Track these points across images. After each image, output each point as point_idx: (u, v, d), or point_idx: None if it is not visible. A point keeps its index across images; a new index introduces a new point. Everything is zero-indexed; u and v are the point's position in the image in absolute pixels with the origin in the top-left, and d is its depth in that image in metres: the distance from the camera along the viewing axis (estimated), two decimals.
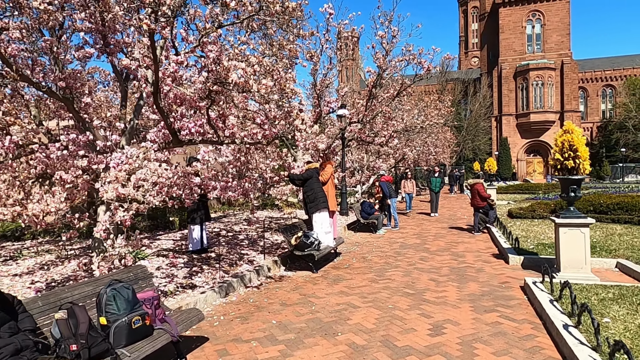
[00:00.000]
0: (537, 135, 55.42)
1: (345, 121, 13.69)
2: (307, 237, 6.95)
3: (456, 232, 11.34)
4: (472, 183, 11.09)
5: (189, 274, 6.01)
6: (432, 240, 10.01)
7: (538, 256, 7.18)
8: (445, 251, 8.63)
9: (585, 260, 5.96)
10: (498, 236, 9.37)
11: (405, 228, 12.36)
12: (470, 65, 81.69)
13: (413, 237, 10.67)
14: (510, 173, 50.74)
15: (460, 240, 9.92)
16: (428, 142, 26.35)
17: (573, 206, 6.15)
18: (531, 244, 8.23)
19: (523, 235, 9.29)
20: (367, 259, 8.03)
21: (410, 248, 9.09)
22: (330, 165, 8.18)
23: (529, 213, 12.09)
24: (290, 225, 7.57)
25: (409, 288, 5.85)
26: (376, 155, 26.14)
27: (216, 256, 7.11)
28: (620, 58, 64.63)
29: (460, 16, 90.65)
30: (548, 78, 54.21)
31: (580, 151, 5.95)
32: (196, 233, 7.04)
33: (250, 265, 6.81)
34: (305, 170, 7.66)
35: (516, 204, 16.97)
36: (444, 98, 26.08)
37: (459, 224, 12.98)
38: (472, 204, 11.06)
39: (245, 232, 9.88)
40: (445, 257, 7.98)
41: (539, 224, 10.89)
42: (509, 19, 57.62)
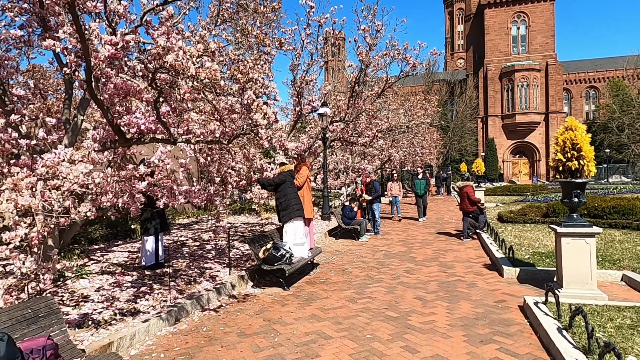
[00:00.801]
0: (523, 136, 55.50)
1: (327, 120, 12.88)
2: (277, 250, 6.10)
3: (444, 238, 10.61)
4: (461, 186, 10.38)
5: (134, 296, 5.11)
6: (419, 248, 9.25)
7: (535, 268, 6.45)
8: (433, 261, 7.87)
9: (590, 274, 5.23)
10: (489, 243, 8.66)
11: (390, 234, 11.59)
12: (456, 66, 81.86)
13: (398, 244, 9.90)
14: (496, 174, 50.65)
15: (449, 248, 9.18)
16: (414, 142, 25.74)
17: (576, 213, 5.43)
18: (526, 253, 7.52)
19: (516, 242, 8.59)
20: (346, 271, 7.22)
21: (394, 257, 8.31)
22: (305, 168, 7.35)
23: (520, 217, 11.43)
24: (260, 235, 6.71)
25: (392, 309, 5.04)
26: (361, 157, 25.45)
27: (173, 272, 6.21)
28: (603, 60, 65.35)
29: (446, 17, 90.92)
30: (533, 79, 54.33)
31: (584, 151, 5.24)
32: (150, 245, 6.13)
33: (212, 282, 5.94)
34: (277, 173, 6.81)
35: (505, 207, 16.38)
36: (430, 98, 25.51)
37: (447, 228, 12.27)
38: (461, 208, 10.35)
39: (214, 241, 8.99)
40: (433, 269, 7.21)
41: (532, 229, 10.22)
42: (495, 20, 57.66)
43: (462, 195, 10.23)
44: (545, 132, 54.61)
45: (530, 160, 56.49)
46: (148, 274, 5.92)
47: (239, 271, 6.53)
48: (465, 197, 10.08)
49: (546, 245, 8.08)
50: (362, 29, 12.20)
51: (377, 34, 12.95)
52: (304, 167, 7.34)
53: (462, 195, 10.24)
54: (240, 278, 6.27)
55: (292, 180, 6.83)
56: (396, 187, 14.83)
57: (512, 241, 8.72)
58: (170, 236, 9.48)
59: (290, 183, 6.73)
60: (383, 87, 13.38)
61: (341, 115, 12.46)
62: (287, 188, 6.65)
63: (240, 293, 5.92)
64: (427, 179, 14.84)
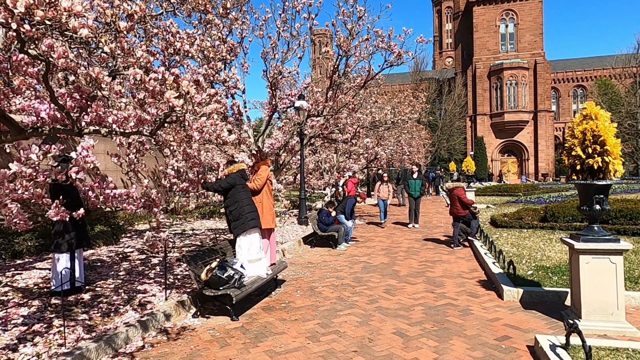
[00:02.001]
0: (512, 135, 54.99)
1: (304, 114, 11.66)
2: (224, 270, 4.85)
3: (432, 245, 9.47)
4: (451, 187, 9.24)
5: (18, 338, 3.82)
6: (403, 259, 8.08)
7: (542, 288, 5.31)
8: (419, 276, 6.70)
9: (617, 302, 4.10)
10: (483, 253, 7.53)
11: (372, 240, 10.41)
12: (445, 65, 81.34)
13: (380, 253, 8.72)
14: (486, 174, 49.97)
15: (438, 258, 8.03)
16: (402, 140, 24.68)
17: (598, 224, 4.29)
18: (527, 267, 6.39)
19: (515, 253, 7.47)
20: (315, 290, 6.00)
21: (374, 271, 7.12)
22: (265, 167, 6.10)
23: (515, 221, 10.35)
24: (207, 250, 5.45)
25: (364, 354, 3.84)
26: (347, 155, 24.28)
27: (91, 299, 4.92)
28: (591, 59, 65.25)
29: (434, 16, 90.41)
30: (522, 78, 53.84)
31: (609, 144, 4.10)
32: (62, 265, 4.83)
33: (141, 311, 4.68)
34: (225, 174, 5.57)
35: (497, 209, 15.34)
36: (418, 94, 24.46)
37: (436, 234, 11.14)
38: (451, 212, 9.21)
39: (169, 251, 7.71)
40: (418, 287, 6.03)
41: (530, 236, 9.13)
42: (483, 18, 57.05)
43: (452, 197, 9.10)
44: (533, 130, 54.17)
45: (519, 160, 56.04)
46: (54, 304, 4.62)
47: (181, 295, 5.27)
48: (456, 200, 8.94)
49: (550, 257, 6.96)
50: (342, 12, 11.00)
51: (359, 21, 11.78)
52: (264, 167, 6.10)
53: (452, 198, 9.10)
54: (180, 305, 5.02)
55: (245, 182, 5.60)
56: (385, 189, 13.10)
57: (509, 251, 7.60)
58: (116, 247, 8.16)
59: (242, 187, 5.49)
60: (366, 78, 12.21)
61: (319, 109, 11.25)
62: (239, 193, 5.41)
63: (175, 326, 4.66)
64: (422, 178, 12.99)
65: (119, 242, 8.62)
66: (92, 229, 8.43)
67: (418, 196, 12.49)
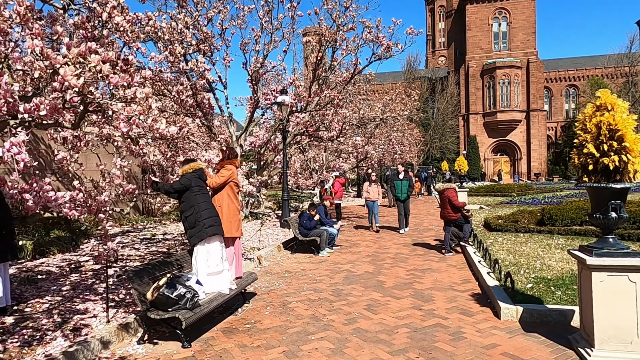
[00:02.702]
0: (504, 134, 54.69)
1: (286, 110, 10.92)
2: (173, 288, 4.11)
3: (422, 251, 8.79)
4: (442, 188, 8.55)
5: None
6: (390, 267, 7.39)
7: (544, 306, 4.63)
8: (406, 288, 6.01)
9: (638, 329, 3.43)
10: (477, 261, 6.86)
11: (358, 245, 9.71)
12: (438, 64, 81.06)
13: (366, 260, 8.02)
14: (479, 173, 49.56)
15: (427, 266, 7.35)
16: (393, 139, 24.03)
17: (613, 235, 3.62)
18: (526, 279, 5.72)
19: (511, 261, 6.80)
20: (288, 307, 5.28)
21: (357, 282, 6.42)
22: (231, 167, 5.35)
23: (511, 225, 9.70)
24: (159, 262, 4.69)
25: None
26: (336, 154, 23.59)
27: (15, 322, 4.15)
28: (583, 59, 65.22)
29: (427, 15, 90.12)
30: (514, 77, 53.53)
31: (628, 140, 3.42)
32: None
33: (74, 337, 3.92)
34: (180, 175, 4.82)
35: (491, 210, 14.73)
36: (410, 92, 23.80)
37: (426, 238, 10.47)
38: (442, 215, 8.53)
39: (131, 259, 6.94)
40: (404, 302, 5.34)
41: (527, 241, 8.48)
42: (476, 17, 56.66)
43: (442, 199, 8.42)
44: (526, 130, 53.90)
45: (512, 159, 55.77)
46: None
47: (128, 315, 4.52)
48: (447, 202, 8.27)
49: (551, 267, 6.30)
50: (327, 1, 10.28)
51: (346, 11, 11.07)
52: (229, 166, 5.35)
53: (442, 200, 8.42)
54: (124, 328, 4.26)
55: (203, 183, 4.86)
56: (374, 189, 11.85)
57: (505, 259, 6.94)
58: (73, 254, 7.37)
59: (199, 189, 4.74)
60: (352, 72, 11.50)
61: (302, 104, 10.52)
62: (195, 196, 4.66)
63: (112, 356, 3.91)
64: (409, 179, 11.56)
65: (78, 248, 7.82)
66: (47, 235, 7.64)
67: (405, 198, 11.26)
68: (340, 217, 13.19)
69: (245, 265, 7.31)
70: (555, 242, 8.14)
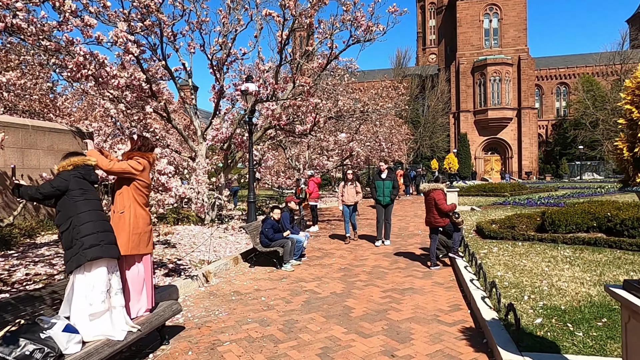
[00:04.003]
0: (495, 132, 53.79)
1: (251, 100, 9.53)
2: (14, 344, 2.71)
3: (404, 263, 7.46)
4: (427, 189, 7.21)
5: None
6: (363, 286, 6.05)
7: (563, 356, 3.31)
8: (379, 318, 4.67)
9: None
10: (469, 279, 5.56)
11: (331, 255, 8.36)
12: (428, 61, 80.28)
13: (336, 276, 6.67)
14: (470, 172, 48.55)
15: (409, 285, 6.02)
16: (380, 136, 22.74)
17: None
18: (531, 307, 4.41)
19: (511, 281, 5.49)
20: (216, 351, 3.91)
21: (319, 309, 5.07)
22: (143, 160, 3.94)
23: (507, 231, 8.42)
24: (25, 297, 3.28)
25: None
26: (319, 152, 22.26)
27: None
28: (574, 56, 64.76)
29: (417, 12, 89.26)
30: (505, 74, 52.64)
31: None
32: None
33: None
34: (56, 173, 3.42)
35: (483, 212, 13.48)
36: (398, 84, 22.53)
37: (410, 246, 9.15)
38: (427, 221, 7.20)
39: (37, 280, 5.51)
40: (373, 344, 3.99)
41: (527, 252, 7.19)
42: (467, 12, 55.65)
43: (428, 202, 7.09)
44: (517, 128, 53.05)
45: (502, 158, 54.91)
46: None
47: None
48: (433, 206, 6.95)
49: (562, 290, 4.99)
50: None
51: None
52: (141, 159, 3.94)
53: (428, 203, 7.10)
54: None
55: (90, 187, 3.46)
56: (351, 190, 9.65)
57: (503, 277, 5.63)
58: None
59: (80, 194, 3.33)
60: (328, 57, 10.15)
61: (268, 93, 9.12)
62: (75, 204, 3.26)
63: None
64: (394, 179, 9.17)
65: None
66: None
67: (388, 203, 9.06)
68: (317, 220, 11.83)
69: (186, 285, 5.93)
70: (560, 253, 6.86)
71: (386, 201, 9.05)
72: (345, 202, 9.65)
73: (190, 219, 11.08)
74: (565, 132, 52.73)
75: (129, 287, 3.85)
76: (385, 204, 9.08)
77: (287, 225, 7.80)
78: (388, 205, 9.10)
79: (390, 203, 9.09)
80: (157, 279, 5.96)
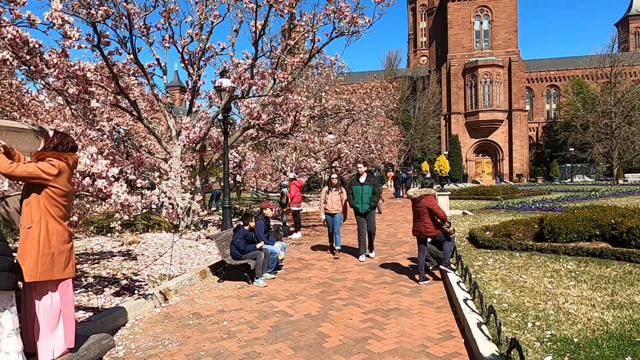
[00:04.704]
0: (486, 134, 53.55)
1: (226, 97, 8.76)
2: None
3: (391, 277, 6.73)
4: (417, 195, 6.43)
5: None
6: (343, 306, 5.30)
7: None
8: (356, 351, 3.92)
9: None
10: (462, 299, 4.84)
11: (311, 267, 7.60)
12: (419, 63, 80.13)
13: (313, 293, 5.91)
14: (461, 174, 48.11)
15: (394, 305, 5.28)
16: (369, 137, 22.05)
17: None
18: (537, 339, 3.70)
19: (511, 302, 4.77)
20: None
21: (287, 337, 4.30)
22: (58, 162, 3.15)
23: (503, 240, 7.72)
24: None
25: None
26: (306, 154, 21.52)
27: None
28: (564, 59, 64.92)
29: (408, 14, 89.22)
30: (496, 76, 52.45)
31: None
32: None
33: None
34: None
35: (475, 217, 12.82)
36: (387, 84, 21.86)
37: (398, 255, 8.42)
38: (416, 231, 6.45)
39: None
40: None
41: (526, 264, 6.49)
42: (458, 14, 55.42)
43: (417, 210, 6.35)
44: (508, 130, 52.85)
45: (493, 160, 54.66)
46: None
47: None
48: (424, 215, 6.22)
49: (570, 314, 4.27)
50: None
51: None
52: (55, 160, 3.15)
53: (417, 211, 6.36)
54: None
55: None
56: (335, 197, 8.24)
57: (502, 297, 4.92)
58: None
59: None
60: (310, 51, 9.42)
61: (244, 89, 8.33)
62: None
63: None
64: (374, 183, 7.90)
65: None
66: None
67: (367, 211, 7.80)
68: (300, 227, 11.06)
69: (137, 306, 5.13)
70: (563, 266, 6.17)
71: (365, 209, 7.82)
72: (329, 210, 8.30)
73: (162, 226, 10.25)
74: (556, 135, 52.63)
75: (39, 322, 3.05)
76: (363, 212, 7.85)
77: (261, 235, 7.02)
78: (367, 213, 7.87)
79: (369, 211, 7.86)
80: (104, 300, 5.15)
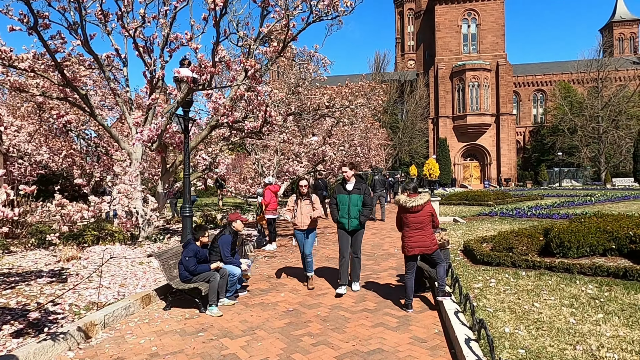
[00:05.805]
0: (474, 138, 53.07)
1: (184, 88, 7.56)
2: None
3: (373, 302, 5.58)
4: (419, 202, 5.17)
5: None
6: (311, 346, 4.14)
7: None
8: None
9: None
10: (463, 337, 3.76)
11: (282, 288, 6.43)
12: (407, 67, 79.68)
13: (277, 325, 4.74)
14: (449, 179, 47.41)
15: (377, 345, 4.14)
16: (354, 140, 21.00)
17: None
18: None
19: (525, 342, 3.68)
20: None
21: None
22: None
23: (504, 255, 6.65)
24: None
25: None
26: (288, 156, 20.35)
27: None
28: (550, 64, 65.11)
29: (396, 18, 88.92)
30: (484, 79, 52.08)
31: None
32: None
33: None
34: None
35: (468, 225, 11.79)
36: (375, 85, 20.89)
37: (384, 271, 7.30)
38: (416, 246, 5.10)
39: None
40: None
41: (536, 287, 5.41)
42: (445, 17, 55.03)
43: (420, 220, 5.10)
44: (496, 134, 52.45)
45: (481, 164, 54.19)
46: None
47: None
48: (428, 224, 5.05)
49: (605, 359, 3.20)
50: None
51: None
52: None
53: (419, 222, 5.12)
54: None
55: None
56: (305, 209, 6.23)
57: (514, 336, 3.82)
58: None
59: None
60: (284, 38, 8.29)
61: (205, 78, 7.16)
62: None
63: None
64: (365, 192, 5.83)
65: None
66: None
67: (355, 228, 5.80)
68: (275, 237, 9.85)
69: (42, 351, 3.90)
70: (583, 290, 5.10)
71: (353, 225, 5.76)
72: (299, 226, 6.24)
73: (115, 237, 8.96)
74: (543, 139, 52.43)
75: None
76: (351, 229, 5.80)
77: (226, 253, 5.77)
78: (356, 231, 5.84)
79: (359, 228, 5.82)
80: None
